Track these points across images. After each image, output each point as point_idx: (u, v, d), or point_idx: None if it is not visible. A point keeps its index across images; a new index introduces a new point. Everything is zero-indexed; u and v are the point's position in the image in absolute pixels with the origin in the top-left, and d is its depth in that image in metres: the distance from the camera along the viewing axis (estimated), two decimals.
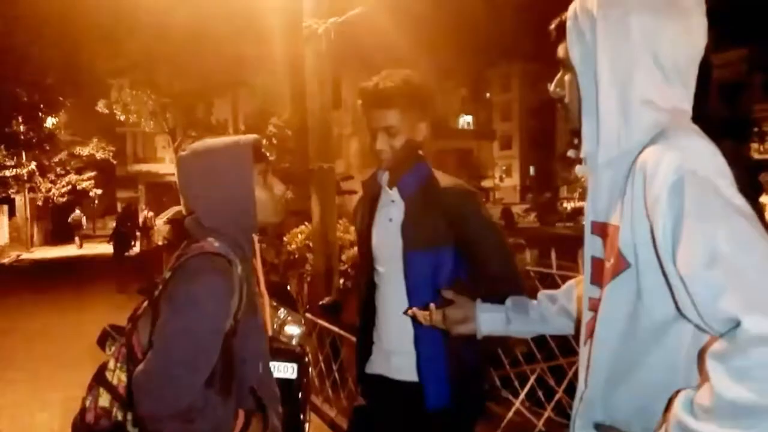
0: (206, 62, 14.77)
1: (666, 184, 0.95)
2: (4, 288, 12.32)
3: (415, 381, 1.82)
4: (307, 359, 2.92)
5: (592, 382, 1.14)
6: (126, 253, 14.04)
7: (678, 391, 0.93)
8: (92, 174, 26.12)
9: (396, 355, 1.88)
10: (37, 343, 7.05)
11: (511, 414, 3.47)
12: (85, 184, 25.67)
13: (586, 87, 1.15)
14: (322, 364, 4.44)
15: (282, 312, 2.92)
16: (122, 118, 20.34)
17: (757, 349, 0.80)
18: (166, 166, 29.60)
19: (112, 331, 1.47)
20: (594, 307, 1.17)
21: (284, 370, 2.79)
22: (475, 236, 1.83)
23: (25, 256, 20.47)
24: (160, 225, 18.53)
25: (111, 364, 1.40)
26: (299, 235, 6.48)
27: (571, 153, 1.23)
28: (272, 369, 2.63)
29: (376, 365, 1.93)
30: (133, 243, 17.41)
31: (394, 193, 1.90)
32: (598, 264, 1.18)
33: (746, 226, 0.89)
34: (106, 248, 17.88)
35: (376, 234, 1.94)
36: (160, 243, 15.08)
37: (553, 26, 1.23)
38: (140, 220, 17.59)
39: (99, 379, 1.40)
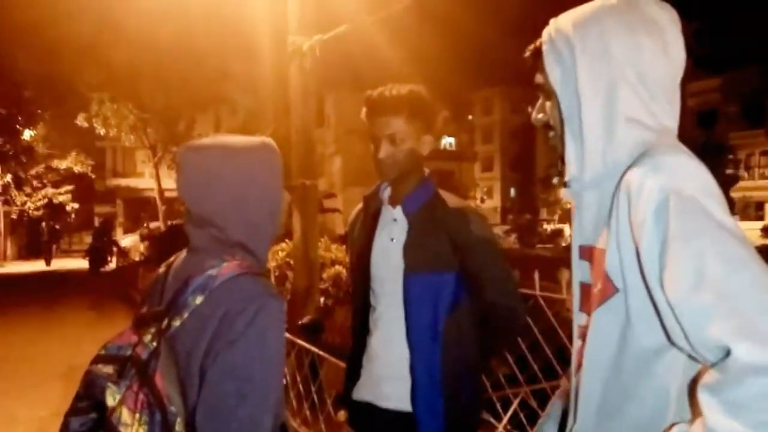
0: (189, 77, 14.70)
1: (650, 205, 0.91)
2: None
3: (406, 410, 1.72)
4: (284, 381, 2.84)
5: (581, 415, 1.09)
6: (102, 269, 13.81)
7: (672, 426, 0.89)
8: (70, 188, 25.69)
9: (387, 381, 1.78)
10: (7, 361, 6.84)
11: None
12: (62, 198, 25.22)
13: (567, 109, 1.12)
14: (300, 386, 4.35)
15: None
16: (102, 132, 20.11)
17: (750, 380, 0.76)
18: (145, 181, 29.29)
19: (106, 374, 1.14)
20: (583, 335, 1.12)
21: None
22: (480, 263, 1.74)
23: None
24: (131, 242, 18.25)
25: (125, 416, 1.09)
26: (279, 253, 6.40)
27: (555, 180, 1.21)
28: None
29: (364, 391, 1.83)
30: (109, 258, 17.12)
31: (397, 212, 1.82)
32: (586, 289, 1.14)
33: (735, 247, 0.85)
34: (82, 263, 17.58)
35: (375, 253, 1.84)
36: (137, 259, 14.84)
37: (528, 53, 1.20)
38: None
39: None
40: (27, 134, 19.94)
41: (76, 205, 27.02)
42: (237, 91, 12.12)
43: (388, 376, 1.78)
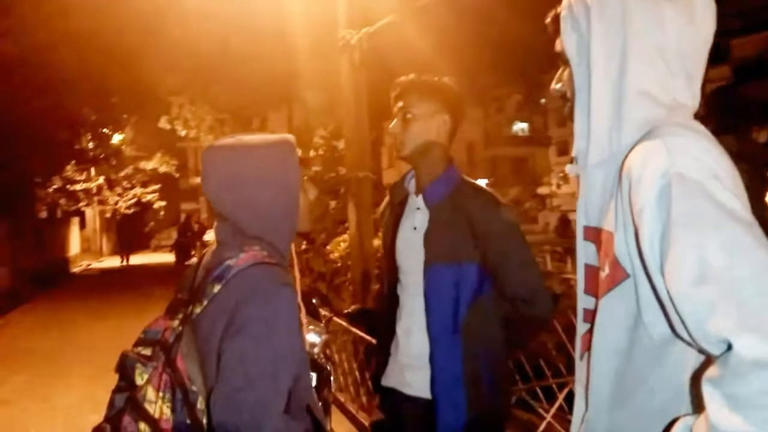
0: (260, 78, 15.22)
1: (651, 191, 0.87)
2: (73, 293, 13.06)
3: (428, 398, 1.74)
4: (328, 369, 2.93)
5: (593, 403, 1.06)
6: (186, 262, 14.60)
7: (677, 419, 0.85)
8: (156, 187, 27.26)
9: (410, 369, 1.81)
10: (94, 349, 7.42)
11: (543, 426, 3.38)
12: (149, 197, 26.83)
13: (579, 80, 1.07)
14: (357, 373, 4.46)
15: (303, 320, 2.94)
16: (183, 133, 21.16)
17: (753, 375, 0.72)
18: None
19: (137, 356, 1.25)
20: (589, 318, 1.09)
21: None
22: (501, 252, 1.72)
23: (95, 265, 21.53)
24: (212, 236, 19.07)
25: (150, 394, 1.18)
26: (341, 244, 6.55)
27: (573, 153, 1.15)
28: None
29: (391, 378, 1.87)
30: (193, 252, 18.09)
31: (419, 200, 1.82)
32: (591, 272, 1.10)
33: (741, 234, 0.79)
34: (169, 257, 18.70)
35: (400, 242, 1.86)
36: None
37: (548, 19, 1.15)
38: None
39: (137, 412, 1.18)
40: (116, 138, 21.34)
41: (163, 203, 28.69)
42: (305, 87, 12.44)
43: (411, 365, 1.81)
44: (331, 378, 3.27)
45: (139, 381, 1.21)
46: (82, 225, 23.84)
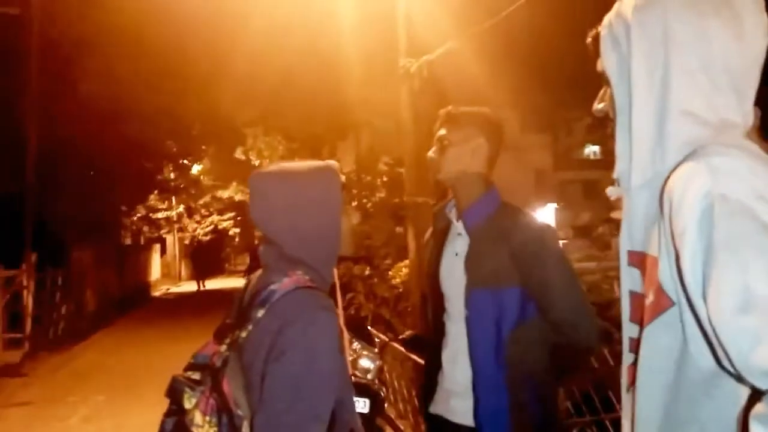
0: (329, 107, 15.71)
1: (693, 212, 0.82)
2: (152, 316, 13.76)
3: (472, 426, 1.72)
4: (381, 394, 2.92)
5: None
6: None
7: None
8: (232, 215, 28.43)
9: (455, 396, 1.80)
10: (168, 367, 7.72)
11: None
12: (225, 224, 28.00)
13: (620, 99, 1.04)
14: (416, 400, 4.41)
15: (357, 345, 2.96)
16: (257, 162, 22.03)
17: None
18: None
19: (186, 380, 1.27)
20: (635, 348, 1.03)
21: (357, 405, 2.76)
22: (543, 278, 1.68)
23: (174, 289, 22.61)
24: None
25: (197, 419, 1.20)
26: (403, 269, 6.56)
27: (615, 174, 1.10)
28: None
29: (438, 405, 1.86)
30: None
31: (460, 226, 1.83)
32: (636, 299, 1.05)
33: None
34: (243, 282, 19.37)
35: (443, 269, 1.86)
36: None
37: (589, 39, 1.12)
38: None
39: None
40: (195, 169, 22.51)
41: (238, 230, 29.84)
42: (372, 115, 12.73)
43: (455, 392, 1.79)
44: (384, 404, 3.27)
45: (188, 405, 1.23)
46: (163, 251, 25.13)
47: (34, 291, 9.75)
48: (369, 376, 2.93)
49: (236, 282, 22.07)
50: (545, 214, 22.80)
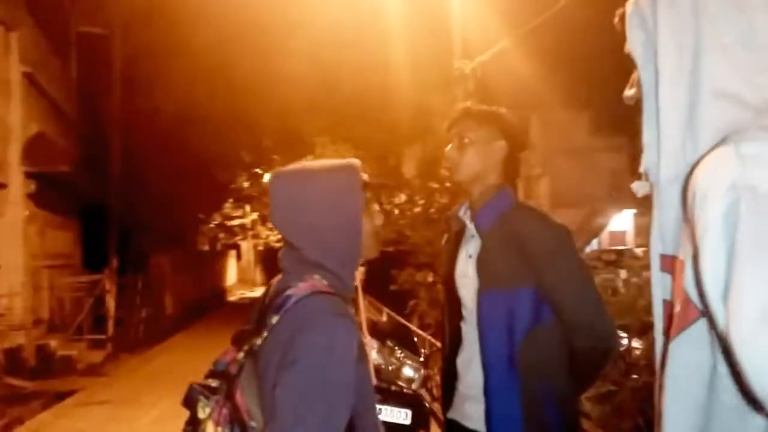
0: (395, 115, 15.85)
1: (717, 207, 0.73)
2: (226, 320, 14.27)
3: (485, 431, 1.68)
4: (425, 405, 2.85)
5: None
6: None
7: None
8: None
9: (469, 401, 1.77)
10: None
11: None
12: None
13: (647, 82, 0.93)
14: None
15: (400, 354, 2.90)
16: None
17: None
18: None
19: (201, 389, 1.23)
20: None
21: (398, 416, 2.71)
22: (557, 280, 1.63)
23: (248, 294, 23.40)
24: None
25: (209, 429, 1.16)
26: None
27: (642, 168, 0.99)
28: (386, 413, 2.58)
29: (454, 410, 1.84)
30: None
31: (473, 227, 1.80)
32: (669, 309, 0.93)
33: None
34: None
35: (457, 272, 1.83)
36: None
37: (617, 19, 1.00)
38: None
39: None
40: (266, 177, 23.27)
41: None
42: (433, 120, 12.73)
43: (469, 397, 1.76)
44: (429, 416, 3.19)
45: (201, 415, 1.18)
46: (239, 257, 26.08)
47: (116, 295, 10.38)
48: (413, 386, 2.87)
49: None
50: (622, 220, 21.77)
